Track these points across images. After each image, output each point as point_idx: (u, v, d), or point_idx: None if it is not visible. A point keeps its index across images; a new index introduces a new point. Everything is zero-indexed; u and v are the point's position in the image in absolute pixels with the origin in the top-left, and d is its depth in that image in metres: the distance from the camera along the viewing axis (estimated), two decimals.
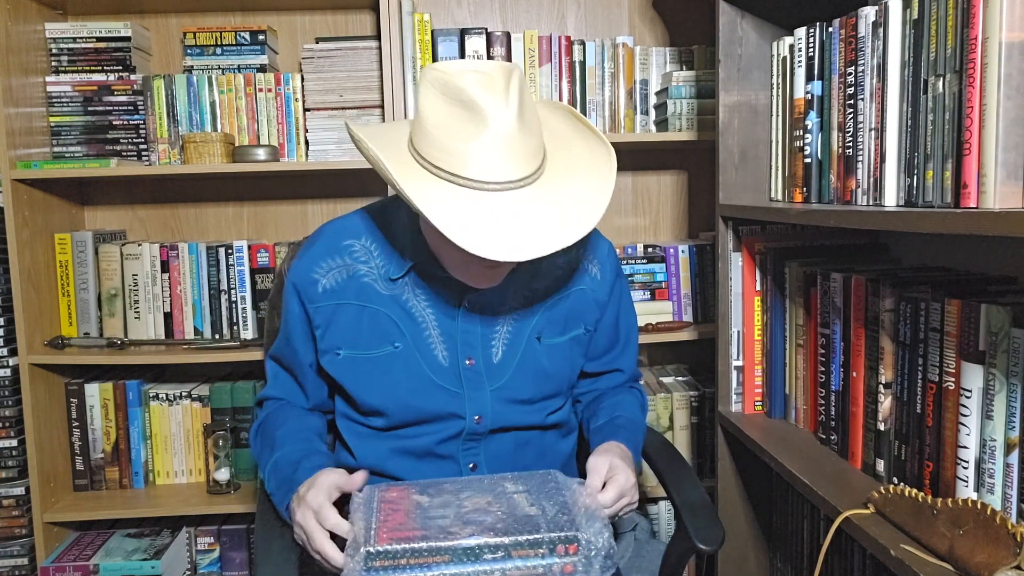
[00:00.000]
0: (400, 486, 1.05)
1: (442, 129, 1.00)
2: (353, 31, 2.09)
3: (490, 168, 0.98)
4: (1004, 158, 0.87)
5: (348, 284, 1.17)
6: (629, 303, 1.34)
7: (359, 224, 1.21)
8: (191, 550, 2.03)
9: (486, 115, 0.97)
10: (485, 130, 0.97)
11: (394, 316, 1.17)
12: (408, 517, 0.96)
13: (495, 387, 1.18)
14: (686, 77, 1.91)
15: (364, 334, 1.17)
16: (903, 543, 0.98)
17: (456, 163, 0.99)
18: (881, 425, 1.18)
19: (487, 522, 0.95)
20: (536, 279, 1.21)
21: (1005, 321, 0.92)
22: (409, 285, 1.17)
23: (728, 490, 1.61)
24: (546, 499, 1.00)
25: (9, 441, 1.86)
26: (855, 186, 1.17)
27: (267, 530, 1.13)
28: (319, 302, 1.17)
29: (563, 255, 1.19)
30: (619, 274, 1.30)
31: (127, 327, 1.96)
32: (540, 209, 1.00)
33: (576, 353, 1.25)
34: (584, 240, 1.18)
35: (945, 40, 0.96)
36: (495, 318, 1.19)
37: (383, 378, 1.17)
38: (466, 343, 1.17)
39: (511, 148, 0.99)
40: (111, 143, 1.95)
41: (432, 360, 1.17)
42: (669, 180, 2.20)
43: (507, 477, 1.07)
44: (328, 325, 1.18)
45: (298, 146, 1.95)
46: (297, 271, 1.19)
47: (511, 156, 0.99)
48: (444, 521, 0.95)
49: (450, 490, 1.03)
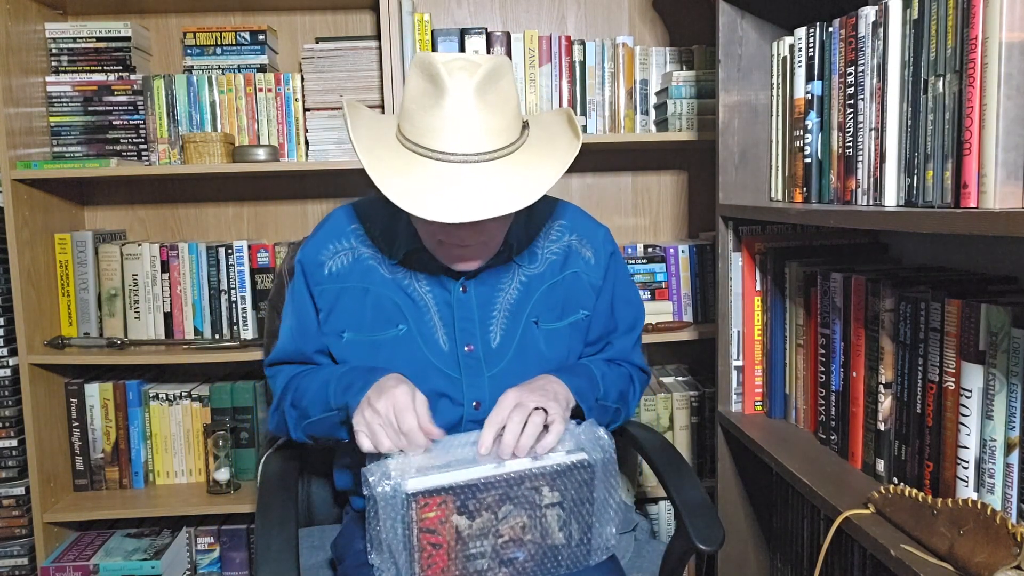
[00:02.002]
0: (438, 492, 0.99)
1: (414, 103, 1.06)
2: (353, 31, 2.09)
3: (446, 140, 1.03)
4: (1004, 158, 0.87)
5: (353, 267, 1.20)
6: (627, 290, 1.32)
7: (367, 208, 1.25)
8: (191, 550, 2.03)
9: (446, 88, 1.02)
10: (442, 102, 1.02)
11: (398, 299, 1.19)
12: (450, 559, 1.00)
13: (493, 373, 1.19)
14: (686, 77, 1.91)
15: (368, 317, 1.19)
16: (903, 543, 0.98)
17: (418, 133, 1.05)
18: (881, 425, 1.18)
19: (519, 561, 1.04)
20: (531, 265, 1.23)
21: (1005, 321, 0.92)
22: (410, 269, 1.20)
23: (728, 490, 1.61)
24: (576, 515, 1.05)
25: (9, 441, 1.86)
26: (855, 186, 1.17)
27: (267, 530, 1.13)
28: (324, 284, 1.20)
29: (555, 241, 1.24)
30: (614, 259, 1.29)
31: (127, 327, 1.96)
32: (486, 180, 1.03)
33: (576, 340, 1.26)
34: (578, 227, 1.27)
35: (945, 40, 0.96)
36: (492, 303, 1.20)
37: (385, 361, 1.17)
38: (464, 329, 1.19)
39: (468, 122, 1.02)
40: (111, 143, 1.95)
41: (433, 344, 1.18)
42: (669, 180, 2.20)
43: (545, 477, 1.04)
44: (332, 308, 1.20)
45: (298, 146, 1.95)
46: (305, 253, 1.23)
47: (468, 130, 1.03)
48: (482, 563, 1.02)
49: (490, 503, 1.02)
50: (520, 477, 1.02)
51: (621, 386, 1.28)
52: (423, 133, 1.04)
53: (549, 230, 1.27)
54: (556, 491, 1.04)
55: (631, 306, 1.33)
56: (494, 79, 1.04)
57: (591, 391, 1.19)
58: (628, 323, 1.32)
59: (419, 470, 0.99)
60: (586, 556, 1.07)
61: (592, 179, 2.18)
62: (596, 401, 1.20)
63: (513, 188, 1.04)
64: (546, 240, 1.26)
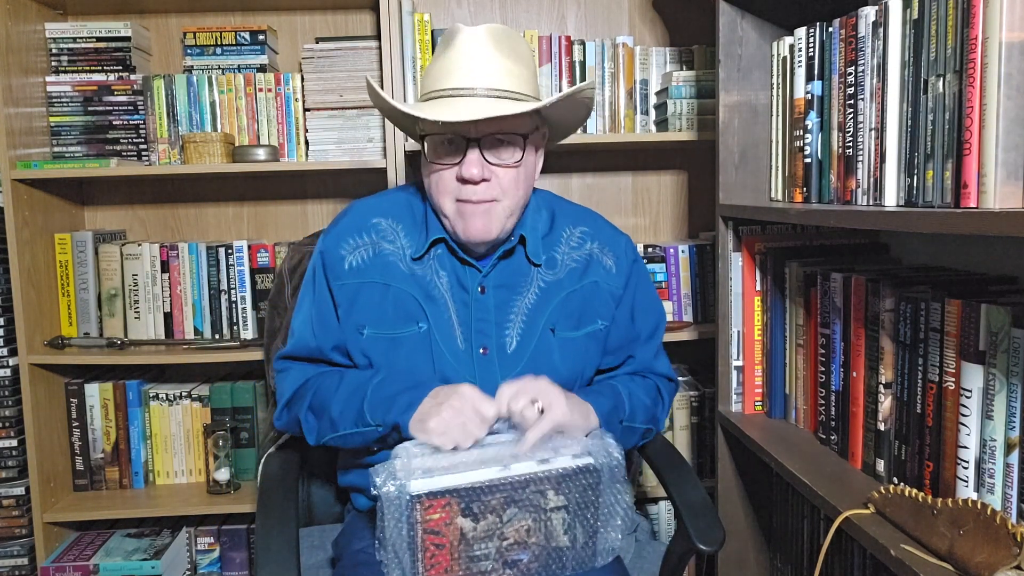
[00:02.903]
0: (442, 494, 0.99)
1: (432, 61, 1.16)
2: (353, 31, 2.09)
3: (456, 75, 1.10)
4: (1004, 158, 0.87)
5: (373, 262, 1.20)
6: (648, 297, 1.31)
7: (387, 202, 1.25)
8: (191, 550, 2.03)
9: (459, 32, 1.12)
10: (454, 41, 1.11)
11: (418, 296, 1.18)
12: (453, 559, 1.01)
13: (505, 377, 1.18)
14: (686, 77, 1.91)
15: (389, 313, 1.18)
16: (903, 543, 0.98)
17: (432, 80, 1.13)
18: (881, 425, 1.18)
19: (523, 563, 1.04)
20: (551, 271, 1.22)
21: (1005, 321, 0.92)
22: (432, 266, 1.19)
23: (728, 490, 1.61)
24: (581, 519, 1.05)
25: (9, 441, 1.86)
26: (855, 186, 1.17)
27: (267, 530, 1.13)
28: (344, 279, 1.20)
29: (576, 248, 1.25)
30: (636, 266, 1.29)
31: (127, 327, 1.96)
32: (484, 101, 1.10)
33: (592, 351, 1.25)
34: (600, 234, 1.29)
35: (945, 40, 0.96)
36: (510, 307, 1.20)
37: (405, 359, 1.17)
38: (480, 331, 1.18)
39: (481, 58, 1.10)
40: (111, 143, 1.95)
41: (451, 343, 1.18)
42: (669, 180, 2.20)
43: (551, 480, 1.04)
44: (352, 303, 1.19)
45: (298, 146, 1.95)
46: (326, 245, 1.23)
47: (480, 66, 1.10)
48: (486, 564, 1.03)
49: (495, 506, 1.02)
50: (525, 480, 1.02)
51: (648, 402, 1.26)
52: (436, 78, 1.12)
53: (571, 236, 1.26)
54: (561, 495, 1.04)
55: (652, 314, 1.32)
56: (509, 35, 1.12)
57: (616, 413, 1.18)
58: (649, 330, 1.31)
59: (425, 472, 0.99)
60: (591, 558, 1.08)
61: (592, 179, 2.18)
62: (621, 423, 1.19)
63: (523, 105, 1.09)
64: (567, 247, 1.25)
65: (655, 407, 1.28)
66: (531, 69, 1.15)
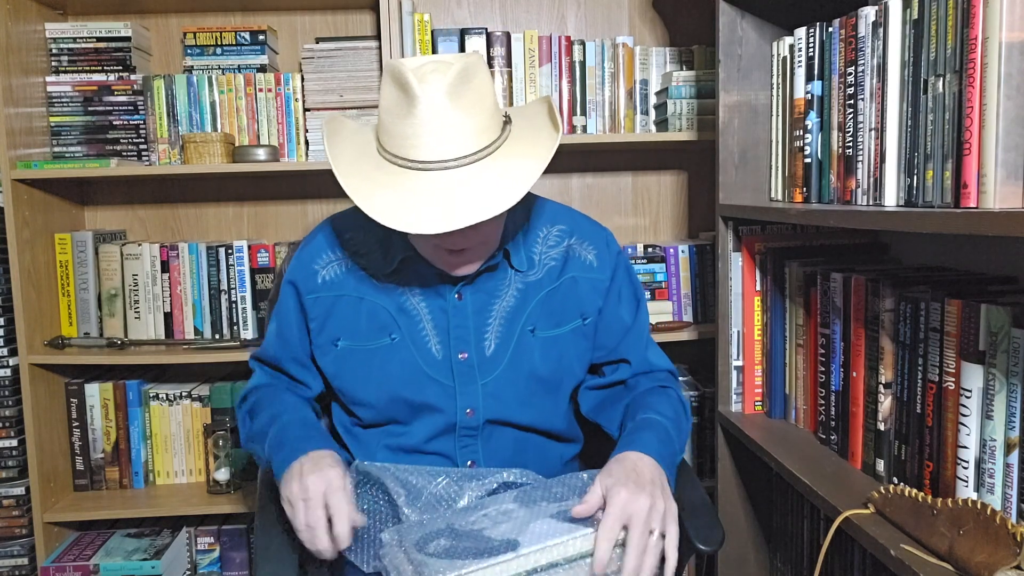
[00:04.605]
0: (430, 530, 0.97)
1: (388, 114, 1.04)
2: (353, 31, 2.09)
3: (424, 148, 1.01)
4: (1004, 158, 0.87)
5: (347, 276, 1.20)
6: (632, 291, 1.29)
7: (360, 217, 1.22)
8: (191, 550, 2.03)
9: (417, 96, 0.99)
10: (415, 110, 1.00)
11: (390, 309, 1.18)
12: None
13: (486, 381, 1.18)
14: (686, 77, 1.91)
15: (363, 325, 1.19)
16: (903, 543, 0.98)
17: (396, 144, 1.03)
18: (881, 425, 1.18)
19: None
20: (530, 271, 1.21)
21: (1005, 321, 0.92)
22: (404, 278, 1.19)
23: (728, 490, 1.61)
24: None
25: (9, 441, 1.86)
26: (855, 186, 1.17)
27: (267, 530, 1.13)
28: (318, 292, 1.20)
29: (554, 247, 1.22)
30: (620, 261, 1.27)
31: (127, 327, 1.96)
32: (471, 183, 1.01)
33: (579, 347, 1.23)
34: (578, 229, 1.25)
35: (945, 40, 0.96)
36: (488, 311, 1.19)
37: (378, 370, 1.18)
38: (458, 337, 1.18)
39: (444, 127, 1.00)
40: (111, 143, 1.95)
41: (426, 353, 1.17)
42: (669, 180, 2.20)
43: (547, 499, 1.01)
44: (327, 316, 1.20)
45: (298, 146, 1.95)
46: (299, 261, 1.23)
47: (445, 135, 1.00)
48: None
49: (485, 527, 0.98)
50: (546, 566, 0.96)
51: (682, 422, 1.20)
52: (400, 144, 1.02)
53: (548, 235, 1.24)
54: None
55: (633, 299, 1.29)
56: (466, 79, 1.01)
57: (671, 456, 1.12)
58: (631, 313, 1.28)
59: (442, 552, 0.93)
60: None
61: (592, 179, 2.18)
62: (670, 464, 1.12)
63: (501, 187, 1.01)
64: (544, 246, 1.24)
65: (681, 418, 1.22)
66: (492, 103, 1.07)
